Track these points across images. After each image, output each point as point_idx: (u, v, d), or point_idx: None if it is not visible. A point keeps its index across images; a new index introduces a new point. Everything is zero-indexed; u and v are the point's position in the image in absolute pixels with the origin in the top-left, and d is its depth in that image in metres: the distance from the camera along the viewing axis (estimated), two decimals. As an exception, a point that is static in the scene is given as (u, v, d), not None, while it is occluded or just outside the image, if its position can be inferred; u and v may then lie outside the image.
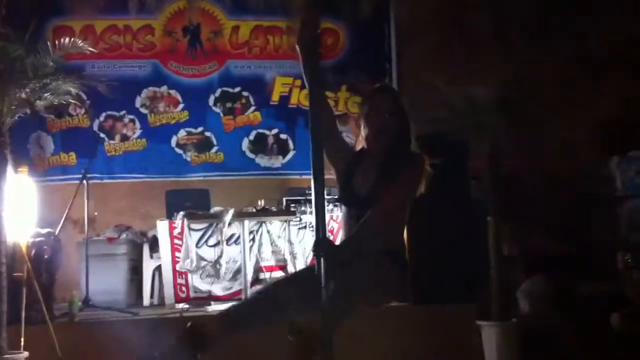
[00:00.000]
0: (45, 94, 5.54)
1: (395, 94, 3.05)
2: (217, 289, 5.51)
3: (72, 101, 5.97)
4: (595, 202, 5.90)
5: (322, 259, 2.38)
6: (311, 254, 5.31)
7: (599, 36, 5.89)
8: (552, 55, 5.82)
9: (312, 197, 2.44)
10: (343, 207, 2.97)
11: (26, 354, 4.11)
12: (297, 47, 2.75)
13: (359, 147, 3.01)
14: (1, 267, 4.07)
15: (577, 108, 6.11)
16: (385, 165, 2.85)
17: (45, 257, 4.90)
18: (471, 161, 5.46)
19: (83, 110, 6.53)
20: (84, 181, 5.37)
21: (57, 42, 5.76)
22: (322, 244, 2.44)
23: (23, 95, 4.94)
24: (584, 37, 5.93)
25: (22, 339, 4.15)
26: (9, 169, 4.32)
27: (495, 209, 5.01)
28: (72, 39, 5.88)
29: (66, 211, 5.22)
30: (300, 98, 6.89)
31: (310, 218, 5.52)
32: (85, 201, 5.39)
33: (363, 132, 2.93)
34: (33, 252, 4.66)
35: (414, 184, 2.90)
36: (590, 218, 5.78)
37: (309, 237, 5.50)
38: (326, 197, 2.75)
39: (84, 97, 6.30)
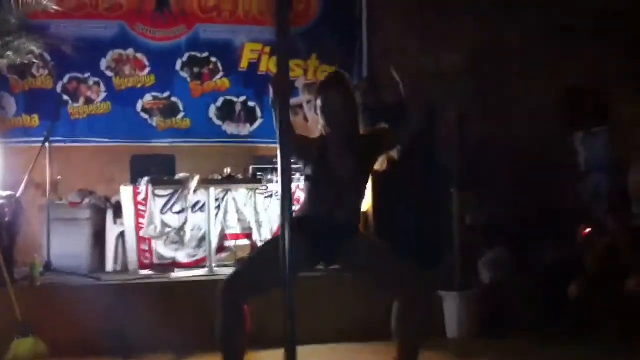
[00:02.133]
0: (8, 53, 5.43)
1: (345, 85, 3.23)
2: (181, 256, 5.49)
3: (36, 61, 5.89)
4: (560, 172, 5.99)
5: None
6: (276, 223, 5.33)
7: (568, 5, 5.93)
8: (521, 23, 5.85)
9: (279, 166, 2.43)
10: (313, 185, 3.13)
11: (-14, 317, 4.08)
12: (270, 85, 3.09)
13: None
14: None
15: (545, 76, 6.17)
16: (353, 147, 3.11)
17: (6, 219, 4.84)
18: (442, 129, 5.48)
19: (47, 71, 6.37)
20: (46, 144, 5.26)
21: (20, -1, 5.64)
22: None
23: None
24: (552, 5, 5.96)
25: (-19, 302, 4.12)
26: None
27: (459, 178, 5.07)
28: (37, -5, 5.76)
29: (27, 174, 5.13)
30: (269, 65, 6.81)
31: (276, 187, 5.50)
32: (47, 165, 5.29)
33: (321, 120, 3.17)
34: (-8, 214, 4.60)
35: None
36: (555, 190, 5.87)
37: (275, 206, 5.49)
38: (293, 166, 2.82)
39: (48, 57, 6.18)
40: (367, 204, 5.22)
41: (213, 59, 6.81)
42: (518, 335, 4.66)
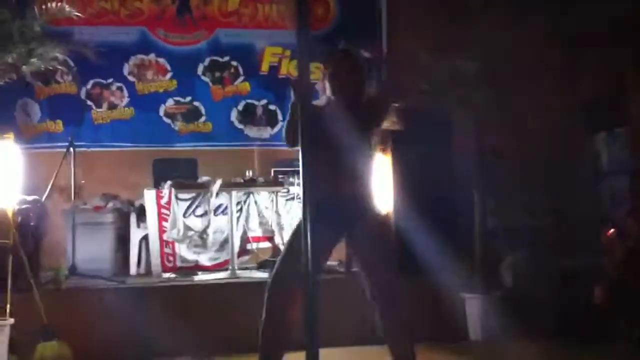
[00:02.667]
0: (32, 59, 5.49)
1: (354, 57, 3.38)
2: (204, 259, 5.53)
3: (59, 67, 5.94)
4: (579, 177, 5.94)
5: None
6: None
7: (584, 12, 5.88)
8: (537, 29, 5.81)
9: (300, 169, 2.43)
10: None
11: (12, 320, 4.12)
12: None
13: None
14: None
15: (561, 82, 6.13)
16: (356, 113, 3.18)
17: (32, 224, 4.90)
18: (457, 136, 5.48)
19: (70, 77, 6.43)
20: (71, 149, 5.32)
21: (44, 6, 5.70)
22: None
23: (9, 60, 4.89)
24: (567, 13, 5.92)
25: (8, 306, 4.16)
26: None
27: (480, 184, 5.05)
28: (60, 4, 5.82)
29: (52, 179, 5.19)
30: (289, 69, 6.84)
31: (297, 189, 5.52)
32: (72, 169, 5.35)
33: (329, 87, 3.28)
34: (19, 219, 4.65)
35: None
36: (574, 193, 5.82)
37: (297, 208, 5.51)
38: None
39: (71, 63, 6.23)
40: (387, 208, 5.22)
41: (234, 63, 6.86)
42: (539, 340, 4.63)
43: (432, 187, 5.09)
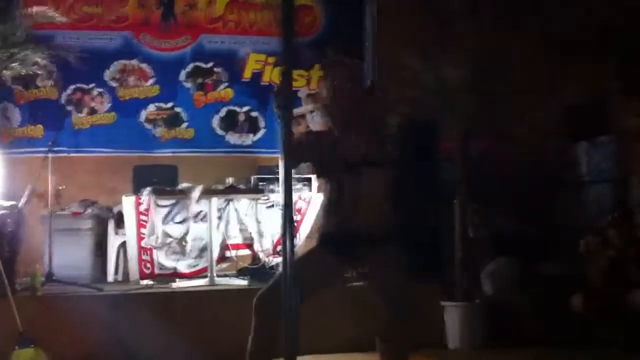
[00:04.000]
0: (13, 64, 5.46)
1: (350, 66, 3.16)
2: (182, 266, 5.49)
3: (40, 72, 5.91)
4: (562, 185, 5.96)
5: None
6: (278, 233, 5.32)
7: (570, 19, 5.92)
8: (522, 37, 5.84)
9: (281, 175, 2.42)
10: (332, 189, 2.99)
11: (-14, 327, 4.08)
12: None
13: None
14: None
15: (546, 91, 6.16)
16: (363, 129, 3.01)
17: (8, 230, 4.85)
18: (443, 142, 5.48)
19: (51, 82, 6.39)
20: (49, 154, 5.28)
21: (27, 11, 5.68)
22: None
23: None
24: (553, 20, 5.96)
25: (-18, 313, 4.12)
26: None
27: (462, 191, 5.06)
28: (42, 8, 5.79)
29: (30, 185, 5.14)
30: (272, 76, 6.83)
31: (278, 197, 5.50)
32: (49, 175, 5.31)
33: (328, 100, 3.04)
34: (-6, 225, 4.61)
35: None
36: (556, 201, 5.84)
37: (277, 216, 5.49)
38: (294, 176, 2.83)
39: (53, 68, 6.20)
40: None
41: (217, 69, 6.85)
42: (521, 348, 4.63)
43: (416, 195, 5.08)
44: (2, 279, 4.40)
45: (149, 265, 5.43)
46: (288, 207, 2.21)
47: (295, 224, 4.49)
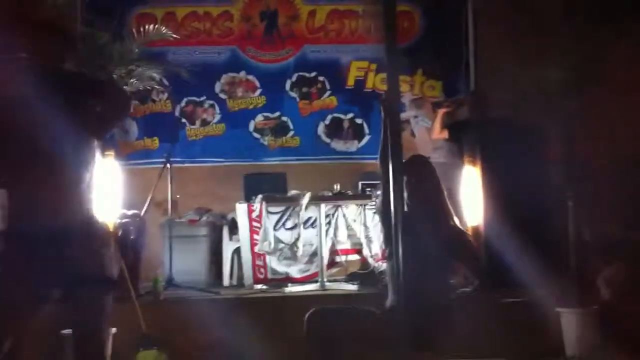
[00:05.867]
0: (131, 80, 5.78)
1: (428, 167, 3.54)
2: (294, 271, 5.59)
3: (156, 87, 6.22)
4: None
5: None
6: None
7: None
8: (623, 37, 5.62)
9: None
10: None
11: (114, 329, 4.30)
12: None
13: (434, 133, 3.22)
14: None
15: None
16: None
17: (132, 237, 5.10)
18: (549, 145, 5.36)
19: (165, 96, 6.70)
20: (167, 165, 5.54)
21: (140, 29, 5.99)
22: None
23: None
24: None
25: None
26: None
27: (573, 194, 4.92)
28: (156, 26, 6.10)
29: (150, 194, 5.40)
30: (375, 82, 6.89)
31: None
32: (169, 184, 5.57)
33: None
34: (120, 232, 4.87)
35: None
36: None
37: (384, 221, 5.51)
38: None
39: (166, 82, 6.50)
40: (477, 219, 5.16)
41: (321, 78, 6.97)
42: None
43: (523, 198, 4.99)
44: (126, 283, 4.63)
45: (262, 270, 5.57)
46: (397, 212, 2.23)
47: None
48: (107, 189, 4.62)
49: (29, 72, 2.52)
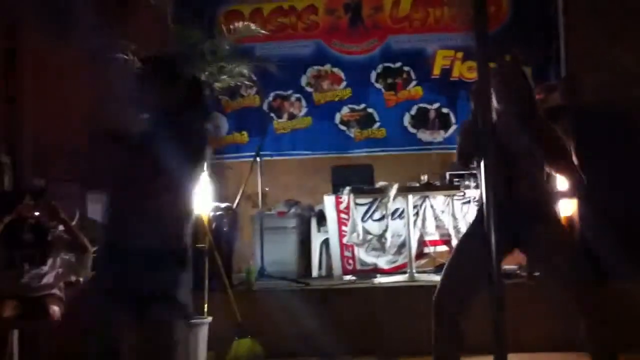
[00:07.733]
0: (222, 76, 5.94)
1: (517, 65, 3.39)
2: (382, 262, 5.64)
3: (246, 82, 6.36)
4: None
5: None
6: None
7: None
8: None
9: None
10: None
11: (210, 318, 4.47)
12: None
13: None
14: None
15: None
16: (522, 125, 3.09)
17: (225, 229, 5.27)
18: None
19: (254, 91, 6.84)
20: (257, 158, 5.68)
21: (229, 26, 6.14)
22: None
23: (202, 78, 5.32)
24: None
25: (206, 305, 4.52)
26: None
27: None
28: (245, 23, 6.24)
29: (242, 187, 5.56)
30: (462, 71, 6.80)
31: (473, 193, 5.46)
32: (259, 178, 5.71)
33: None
34: (213, 225, 5.04)
35: None
36: None
37: (473, 212, 5.45)
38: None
39: (254, 78, 6.64)
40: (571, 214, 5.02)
41: (406, 68, 6.94)
42: None
43: (623, 191, 4.83)
44: (221, 274, 4.79)
45: (350, 261, 5.64)
46: (489, 203, 2.22)
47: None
48: (202, 183, 4.80)
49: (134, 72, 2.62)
